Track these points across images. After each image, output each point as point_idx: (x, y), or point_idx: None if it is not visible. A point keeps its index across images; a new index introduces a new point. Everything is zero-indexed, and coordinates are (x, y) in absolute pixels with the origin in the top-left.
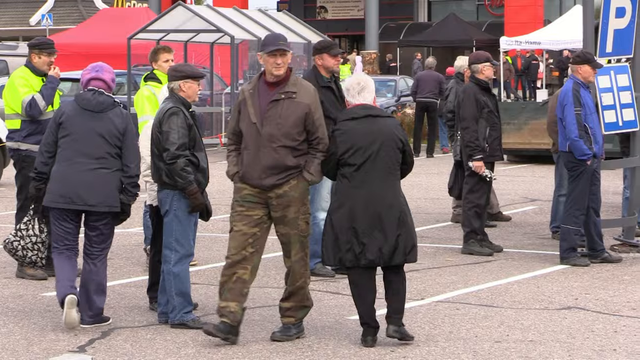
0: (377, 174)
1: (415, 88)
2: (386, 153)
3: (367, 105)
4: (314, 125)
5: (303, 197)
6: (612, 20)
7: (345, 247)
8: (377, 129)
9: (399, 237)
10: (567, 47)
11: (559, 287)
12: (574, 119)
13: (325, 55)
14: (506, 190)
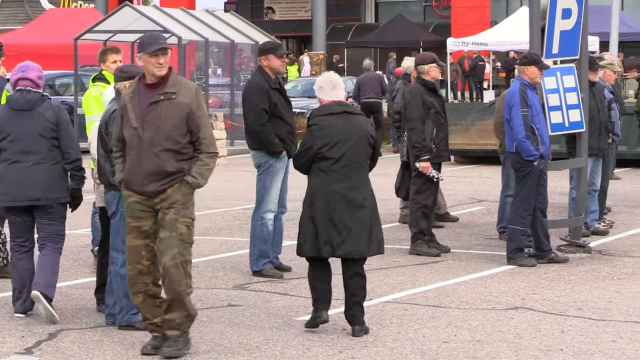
0: (353, 168)
1: (357, 92)
2: (360, 148)
3: (342, 102)
4: (196, 125)
5: (185, 200)
6: (558, 22)
7: (324, 238)
8: (352, 125)
9: (372, 230)
10: (514, 48)
11: (506, 288)
12: (520, 119)
13: (271, 56)
14: (453, 191)
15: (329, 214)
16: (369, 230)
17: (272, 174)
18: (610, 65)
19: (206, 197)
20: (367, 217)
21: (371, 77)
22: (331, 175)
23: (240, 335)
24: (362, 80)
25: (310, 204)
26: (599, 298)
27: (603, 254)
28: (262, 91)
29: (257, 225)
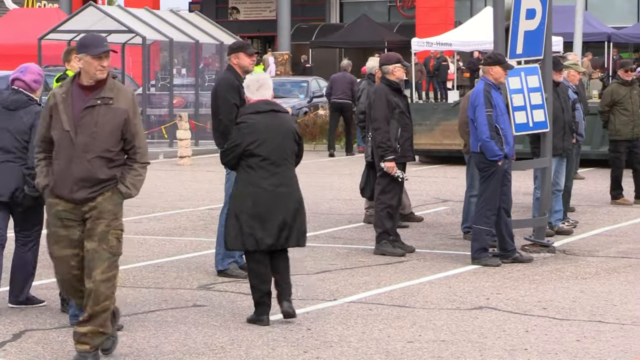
0: (280, 165)
1: (329, 90)
2: (287, 145)
3: (269, 101)
4: (131, 133)
5: (117, 210)
6: (522, 22)
7: (248, 231)
8: (278, 123)
9: (295, 223)
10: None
11: (470, 287)
12: (485, 120)
13: (241, 55)
14: (418, 190)
15: (256, 209)
16: (291, 223)
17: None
18: (574, 65)
19: (171, 198)
20: (292, 212)
21: (344, 77)
22: (259, 172)
23: (205, 335)
24: (335, 80)
25: (237, 199)
26: (563, 298)
27: (567, 253)
28: (233, 87)
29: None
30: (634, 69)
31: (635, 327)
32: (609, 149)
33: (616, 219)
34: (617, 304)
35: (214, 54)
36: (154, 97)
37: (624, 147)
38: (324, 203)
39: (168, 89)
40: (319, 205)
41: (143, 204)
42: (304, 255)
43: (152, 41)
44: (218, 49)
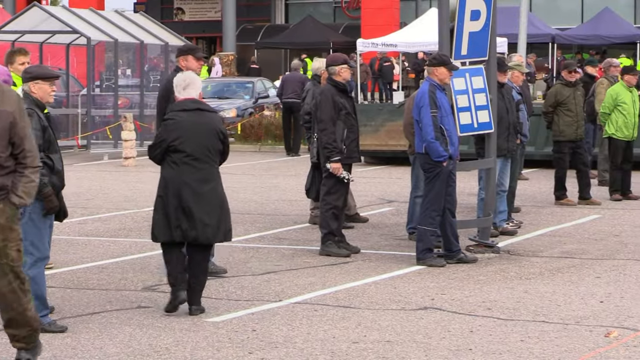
0: (203, 162)
1: (280, 90)
2: (210, 143)
3: (195, 99)
4: (20, 136)
5: (11, 222)
6: (467, 23)
7: (175, 224)
8: (203, 121)
9: (220, 219)
10: (423, 50)
11: (415, 288)
12: (430, 120)
13: (189, 58)
14: (363, 191)
15: (180, 203)
16: (217, 219)
17: None
18: (518, 66)
19: (116, 199)
20: (215, 207)
21: (294, 77)
22: (182, 167)
23: (149, 337)
24: (286, 80)
25: (162, 193)
26: (508, 298)
27: (511, 254)
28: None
29: None
30: (577, 70)
31: (578, 326)
32: (553, 150)
33: (560, 219)
34: (561, 304)
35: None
36: (99, 98)
37: (567, 148)
38: (269, 204)
39: (113, 89)
40: (264, 206)
41: (88, 205)
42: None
43: (96, 42)
44: (163, 50)
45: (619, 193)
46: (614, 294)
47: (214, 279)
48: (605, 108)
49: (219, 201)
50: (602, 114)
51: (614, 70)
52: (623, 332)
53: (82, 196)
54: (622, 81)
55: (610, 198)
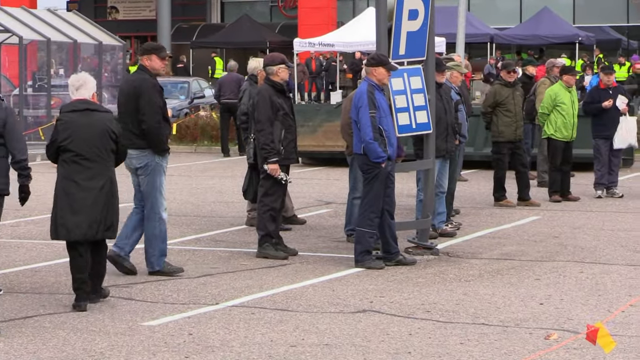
0: (93, 161)
1: (218, 91)
2: (101, 143)
3: (86, 100)
4: None
5: None
6: (405, 23)
7: (60, 222)
8: (93, 121)
9: (107, 216)
10: (360, 49)
11: (354, 290)
12: (368, 121)
13: (153, 57)
14: (301, 193)
15: (69, 202)
16: (104, 217)
17: (160, 172)
18: (457, 66)
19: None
20: (99, 205)
21: (232, 78)
22: (72, 166)
23: (84, 341)
24: (223, 81)
25: (55, 191)
26: (447, 300)
27: (450, 255)
28: (157, 89)
29: (155, 226)
30: (516, 70)
31: (518, 329)
32: (492, 151)
33: (499, 220)
34: (501, 307)
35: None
36: (31, 98)
37: (506, 149)
38: (206, 206)
39: (45, 89)
40: (200, 208)
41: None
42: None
43: (29, 41)
44: (97, 49)
45: (558, 194)
46: (553, 296)
47: (149, 282)
48: (544, 108)
49: (104, 199)
50: (541, 115)
51: (556, 71)
52: (563, 334)
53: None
54: (561, 81)
55: (549, 199)
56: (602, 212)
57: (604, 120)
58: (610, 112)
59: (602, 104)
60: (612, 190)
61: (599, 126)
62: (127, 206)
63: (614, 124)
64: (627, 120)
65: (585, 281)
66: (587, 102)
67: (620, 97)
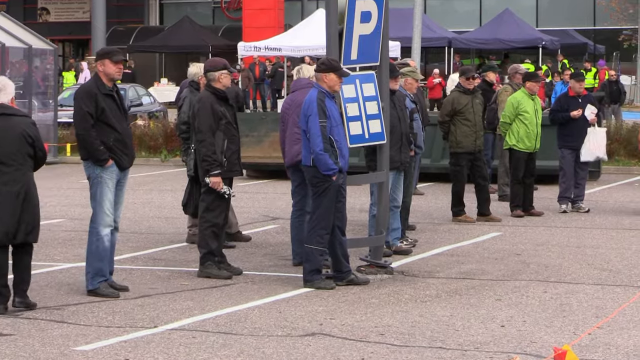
0: (9, 165)
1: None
2: (18, 147)
3: (3, 104)
4: None
5: None
6: (357, 26)
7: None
8: (10, 126)
9: (27, 220)
10: (310, 54)
11: (302, 312)
12: (318, 131)
13: (106, 62)
14: (246, 208)
15: None
16: (22, 221)
17: (101, 185)
18: (412, 72)
19: None
20: (16, 209)
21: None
22: None
23: None
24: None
25: None
26: (402, 322)
27: (406, 274)
28: (90, 95)
29: (92, 241)
30: (476, 76)
31: (478, 352)
32: (450, 162)
33: (458, 237)
34: (459, 329)
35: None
36: None
37: (465, 160)
38: (143, 222)
39: None
40: (137, 224)
41: None
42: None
43: None
44: (26, 53)
45: (520, 209)
46: (515, 318)
47: (82, 304)
48: (506, 117)
49: (21, 204)
50: (502, 124)
51: (519, 78)
52: (526, 358)
53: None
54: (524, 88)
55: (511, 214)
56: (568, 228)
57: (571, 130)
58: (578, 122)
59: (571, 113)
60: (578, 204)
61: (566, 136)
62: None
63: (581, 134)
64: (596, 132)
65: (550, 301)
66: (555, 110)
67: (589, 106)
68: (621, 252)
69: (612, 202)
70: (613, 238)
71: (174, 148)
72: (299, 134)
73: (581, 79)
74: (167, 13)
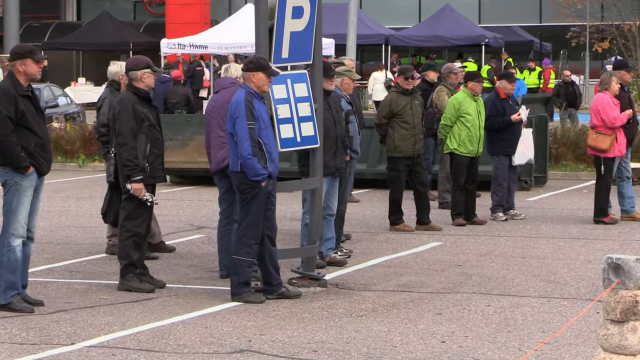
0: None
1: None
2: None
3: None
4: None
5: None
6: (288, 22)
7: None
8: None
9: None
10: (238, 52)
11: (230, 328)
12: (246, 134)
13: (28, 61)
14: (169, 216)
15: None
16: None
17: (18, 193)
18: (348, 72)
19: None
20: None
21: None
22: None
23: None
24: None
25: None
26: (336, 338)
27: (340, 287)
28: (8, 97)
29: (3, 253)
30: (415, 76)
31: None
32: (387, 168)
33: (395, 247)
34: (397, 345)
35: None
36: None
37: (403, 166)
38: (60, 231)
39: None
40: (53, 234)
41: None
42: None
43: None
44: None
45: (462, 217)
46: (457, 333)
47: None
48: (447, 119)
49: None
50: (442, 127)
51: (454, 78)
52: None
53: None
54: (466, 89)
55: (452, 223)
56: (512, 237)
57: (509, 134)
58: (514, 126)
59: (512, 117)
60: (513, 212)
61: (502, 141)
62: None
63: (517, 138)
64: (525, 133)
65: (493, 315)
66: (493, 115)
67: (523, 107)
68: (568, 262)
69: (559, 210)
70: (560, 248)
71: (93, 152)
72: (224, 137)
73: (512, 80)
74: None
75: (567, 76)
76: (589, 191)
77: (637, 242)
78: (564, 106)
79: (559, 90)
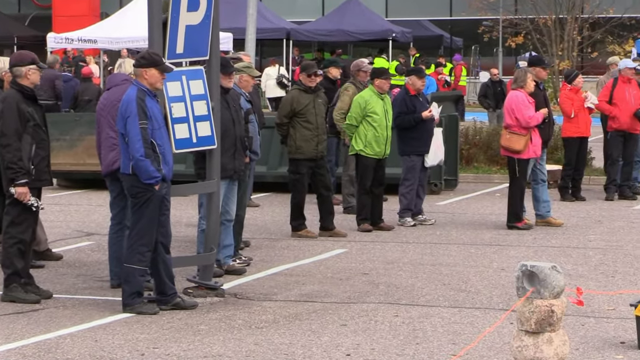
0: None
1: None
2: None
3: None
4: None
5: None
6: (183, 15)
7: None
8: None
9: None
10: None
11: (121, 341)
12: (138, 134)
13: None
14: (56, 222)
15: None
16: None
17: None
18: (247, 68)
19: None
20: None
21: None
22: None
23: None
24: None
25: None
26: (235, 351)
27: (239, 297)
28: None
29: None
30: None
31: None
32: (289, 170)
33: (298, 254)
34: (299, 358)
35: None
36: None
37: (306, 168)
38: None
39: None
40: None
41: None
42: None
43: None
44: None
45: (368, 222)
46: (363, 345)
47: None
48: (352, 119)
49: None
50: (347, 126)
51: (363, 76)
52: None
53: None
54: (373, 86)
55: (358, 228)
56: (421, 244)
57: (420, 133)
58: (426, 124)
59: (422, 114)
60: (423, 217)
61: (414, 140)
62: None
63: (430, 137)
64: (436, 133)
65: (401, 327)
66: (403, 112)
67: (434, 104)
68: (481, 270)
69: (470, 214)
70: (472, 255)
71: None
72: (115, 138)
73: (422, 75)
74: None
75: (495, 75)
76: (501, 195)
77: (552, 249)
78: (492, 107)
79: (486, 90)
